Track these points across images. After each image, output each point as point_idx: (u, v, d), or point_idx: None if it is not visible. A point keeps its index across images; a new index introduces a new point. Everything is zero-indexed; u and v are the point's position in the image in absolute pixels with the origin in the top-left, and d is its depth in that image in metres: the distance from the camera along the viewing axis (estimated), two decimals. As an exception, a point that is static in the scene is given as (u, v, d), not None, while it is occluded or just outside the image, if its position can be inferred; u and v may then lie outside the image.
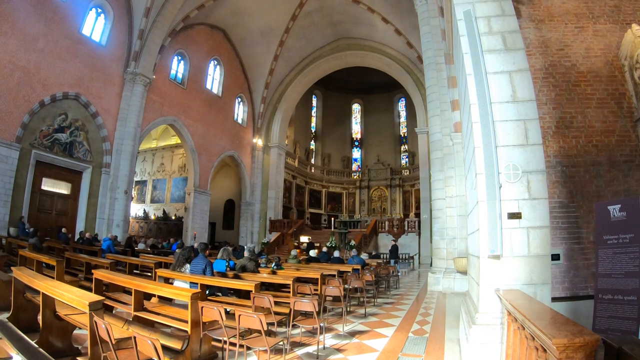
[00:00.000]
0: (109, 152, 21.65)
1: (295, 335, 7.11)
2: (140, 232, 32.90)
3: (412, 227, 28.84)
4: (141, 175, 35.87)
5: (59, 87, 18.88)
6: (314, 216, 41.71)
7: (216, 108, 30.09)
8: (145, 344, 3.56)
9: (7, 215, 16.79)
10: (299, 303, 6.48)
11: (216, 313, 5.30)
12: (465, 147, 7.50)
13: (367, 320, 8.89)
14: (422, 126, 28.74)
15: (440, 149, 14.65)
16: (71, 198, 20.84)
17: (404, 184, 40.93)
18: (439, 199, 14.62)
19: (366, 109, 47.62)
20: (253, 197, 33.70)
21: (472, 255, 6.21)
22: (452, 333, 7.19)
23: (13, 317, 6.42)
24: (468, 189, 6.75)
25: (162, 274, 8.22)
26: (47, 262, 8.98)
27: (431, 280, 14.32)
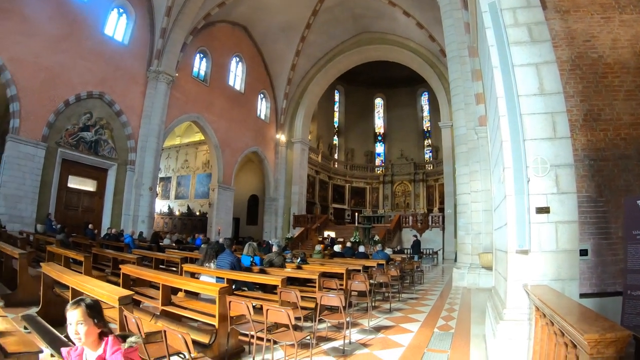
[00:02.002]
0: (134, 149, 21.98)
1: (321, 329, 7.13)
2: (165, 227, 33.30)
3: (436, 222, 28.65)
4: (165, 171, 36.26)
5: (84, 87, 19.26)
6: (338, 211, 41.76)
7: (239, 104, 30.25)
8: (175, 337, 3.61)
9: (34, 213, 17.24)
10: (326, 297, 6.48)
11: (244, 307, 5.34)
12: (491, 140, 7.41)
13: (392, 316, 8.88)
14: (446, 120, 28.51)
15: (465, 143, 14.47)
16: (97, 195, 21.24)
17: (427, 178, 40.68)
18: (464, 194, 14.48)
19: (389, 104, 47.36)
20: (277, 192, 33.83)
21: (499, 250, 6.14)
22: (478, 329, 7.12)
23: (42, 312, 6.54)
24: (495, 183, 6.67)
25: (189, 269, 8.30)
26: (75, 258, 9.14)
27: (456, 275, 14.22)
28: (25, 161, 16.88)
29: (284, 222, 33.54)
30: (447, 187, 27.77)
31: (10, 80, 16.41)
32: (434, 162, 41.07)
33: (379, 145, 47.49)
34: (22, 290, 8.02)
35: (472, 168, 13.91)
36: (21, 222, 16.73)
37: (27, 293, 7.98)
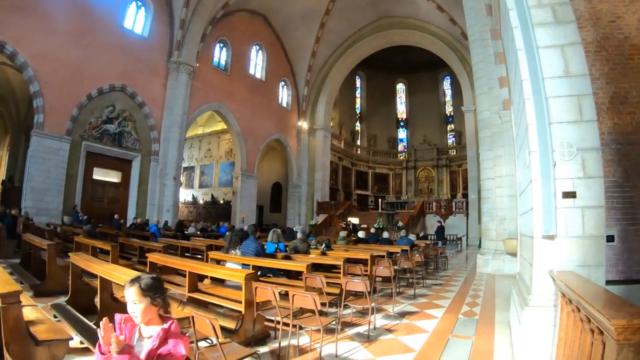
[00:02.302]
0: (157, 140, 22.27)
1: (346, 315, 7.17)
2: (190, 216, 33.75)
3: (459, 207, 28.42)
4: (189, 161, 36.68)
5: (105, 80, 19.60)
6: (361, 197, 41.72)
7: (260, 93, 30.27)
8: (203, 323, 3.67)
9: (60, 205, 17.71)
10: (351, 283, 6.51)
11: (270, 293, 5.38)
12: (516, 124, 7.27)
13: (417, 301, 8.88)
14: (469, 105, 28.10)
15: (488, 127, 14.27)
16: (122, 186, 21.69)
17: (451, 164, 40.31)
18: (488, 179, 14.32)
19: (411, 89, 46.86)
20: (300, 179, 33.91)
21: (524, 235, 6.07)
22: (502, 316, 7.09)
23: (71, 300, 6.68)
24: (520, 167, 6.56)
25: (214, 256, 8.40)
26: (102, 247, 9.30)
27: (480, 261, 14.13)
28: (51, 155, 17.29)
29: (307, 209, 33.65)
30: (471, 172, 27.54)
31: (33, 77, 16.80)
32: (457, 147, 40.61)
33: (402, 130, 47.15)
34: (50, 280, 8.20)
35: (497, 153, 13.72)
36: (48, 214, 17.17)
37: (56, 283, 8.18)
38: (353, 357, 5.19)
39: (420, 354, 5.30)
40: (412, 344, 5.70)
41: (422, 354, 5.28)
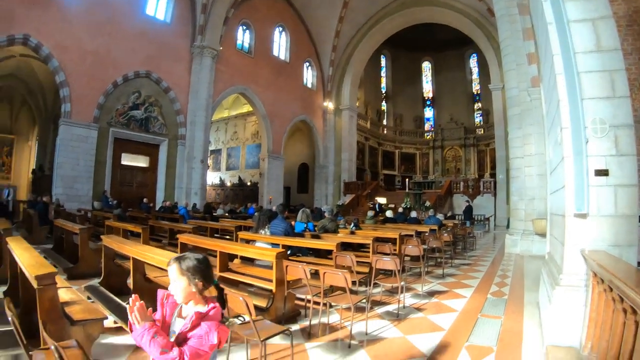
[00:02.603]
0: (183, 124, 22.57)
1: (375, 294, 7.22)
2: (217, 199, 34.15)
3: (487, 187, 28.05)
4: (215, 144, 36.98)
5: (130, 67, 19.92)
6: (388, 177, 41.63)
7: (285, 74, 30.21)
8: (237, 300, 3.75)
9: (90, 191, 18.26)
10: (381, 261, 6.54)
11: (300, 271, 5.44)
12: (547, 101, 7.14)
13: (445, 281, 8.91)
14: (496, 82, 27.59)
15: (517, 105, 13.97)
16: (150, 170, 22.18)
17: (478, 143, 39.78)
18: (517, 158, 14.06)
19: (437, 67, 46.16)
20: (326, 160, 33.90)
21: (555, 214, 5.99)
22: (531, 296, 7.04)
23: (104, 282, 6.86)
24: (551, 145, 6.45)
25: (244, 236, 8.51)
26: (133, 230, 9.52)
27: (508, 242, 13.99)
28: (79, 143, 17.82)
29: (334, 189, 33.66)
30: (499, 151, 27.11)
31: (58, 67, 17.24)
32: (484, 126, 39.91)
33: (428, 110, 46.63)
34: (83, 263, 8.44)
35: (526, 131, 13.45)
36: (78, 200, 17.69)
37: (88, 266, 8.43)
38: (383, 335, 5.25)
39: (449, 332, 5.34)
40: (441, 323, 5.73)
41: (451, 333, 5.31)
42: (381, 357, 4.49)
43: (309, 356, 4.51)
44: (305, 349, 4.71)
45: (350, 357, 4.48)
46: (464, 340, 4.98)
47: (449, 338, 5.10)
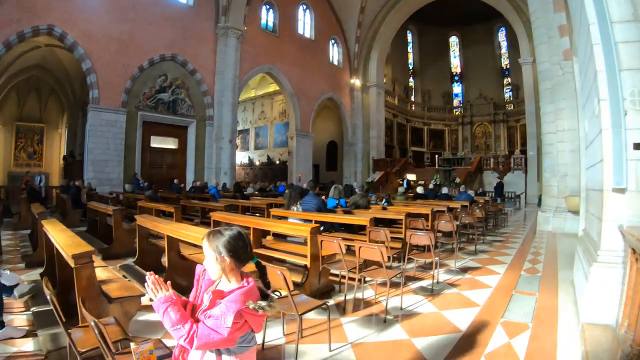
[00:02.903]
0: (211, 105, 22.74)
1: (408, 269, 7.25)
2: (246, 178, 34.45)
3: (518, 164, 27.56)
4: (243, 124, 37.13)
5: (155, 51, 20.11)
6: (417, 154, 41.29)
7: (311, 52, 30.02)
8: (274, 275, 3.80)
9: (121, 174, 18.69)
10: (415, 236, 6.55)
11: (336, 246, 5.49)
12: (582, 73, 6.94)
13: (478, 257, 8.90)
14: (526, 56, 26.88)
15: (549, 78, 13.60)
16: (179, 152, 22.52)
17: (508, 119, 39.02)
18: (549, 133, 13.75)
19: (464, 42, 45.21)
20: (355, 137, 33.73)
21: (591, 190, 5.89)
22: (565, 274, 6.96)
23: (139, 261, 7.05)
24: (587, 118, 6.28)
25: (276, 213, 8.60)
26: (165, 210, 9.72)
27: (540, 219, 13.79)
28: (108, 127, 18.22)
29: (363, 166, 33.58)
30: (530, 127, 26.67)
31: (84, 55, 17.53)
32: (514, 102, 39.13)
33: (456, 85, 45.85)
34: (117, 244, 8.67)
35: (558, 106, 13.12)
36: (110, 184, 18.15)
37: (122, 246, 8.66)
38: (418, 310, 5.29)
39: (484, 308, 5.34)
40: (476, 299, 5.75)
41: (486, 309, 5.32)
42: (416, 332, 4.53)
43: (344, 331, 4.57)
44: (341, 324, 4.77)
45: (386, 332, 4.53)
46: (499, 317, 4.97)
47: (484, 314, 5.11)
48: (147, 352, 2.36)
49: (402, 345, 4.15)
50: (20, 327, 4.46)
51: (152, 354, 2.38)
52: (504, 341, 4.22)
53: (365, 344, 4.20)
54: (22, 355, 3.89)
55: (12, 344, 4.09)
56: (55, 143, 29.67)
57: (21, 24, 15.75)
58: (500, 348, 4.05)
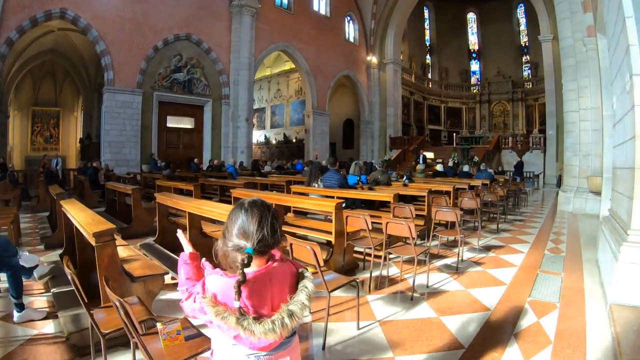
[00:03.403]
0: (227, 84, 22.68)
1: (432, 247, 7.20)
2: (263, 157, 34.50)
3: (536, 143, 27.18)
4: (259, 103, 37.05)
5: (169, 31, 20.06)
6: (434, 132, 40.99)
7: (326, 29, 29.68)
8: (302, 251, 3.78)
9: (138, 155, 18.88)
10: (441, 212, 6.50)
11: (361, 222, 5.44)
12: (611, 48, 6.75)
13: (500, 236, 8.87)
14: (546, 33, 26.22)
15: (572, 55, 13.29)
16: (195, 131, 22.65)
17: (526, 97, 38.50)
18: (571, 111, 13.51)
19: (482, 19, 44.23)
20: (372, 115, 33.51)
21: (620, 168, 5.77)
22: (589, 254, 6.94)
23: (159, 240, 7.03)
24: (616, 94, 6.14)
25: (297, 190, 8.58)
26: (183, 188, 9.73)
27: (561, 199, 13.65)
28: (124, 109, 18.35)
29: (380, 144, 33.47)
30: (549, 106, 26.22)
31: (98, 37, 17.59)
32: (533, 80, 38.44)
33: (474, 63, 45.04)
34: (137, 223, 8.73)
35: (581, 83, 12.87)
36: (127, 165, 18.34)
37: (142, 225, 8.71)
38: (444, 288, 5.27)
39: (510, 287, 5.31)
40: (502, 277, 5.72)
41: (512, 287, 5.29)
42: (444, 309, 4.51)
43: (371, 308, 4.56)
44: (368, 301, 4.75)
45: (414, 310, 4.51)
46: (525, 295, 4.94)
47: (510, 293, 5.08)
48: (174, 333, 2.36)
49: (431, 324, 4.13)
50: (41, 309, 4.43)
51: (179, 334, 2.38)
52: (533, 320, 4.19)
53: (394, 322, 4.19)
54: (43, 338, 3.86)
55: (32, 326, 4.07)
56: (72, 126, 30.07)
57: (33, 8, 15.80)
58: (529, 327, 4.02)
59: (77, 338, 3.64)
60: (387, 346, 3.63)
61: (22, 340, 3.76)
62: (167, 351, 2.31)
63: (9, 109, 25.09)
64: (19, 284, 4.23)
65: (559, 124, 22.83)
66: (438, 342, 3.70)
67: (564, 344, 3.62)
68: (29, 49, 23.28)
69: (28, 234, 9.07)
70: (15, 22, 15.43)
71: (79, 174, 16.65)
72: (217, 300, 1.54)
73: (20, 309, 4.16)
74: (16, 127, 27.41)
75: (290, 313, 1.51)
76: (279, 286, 1.64)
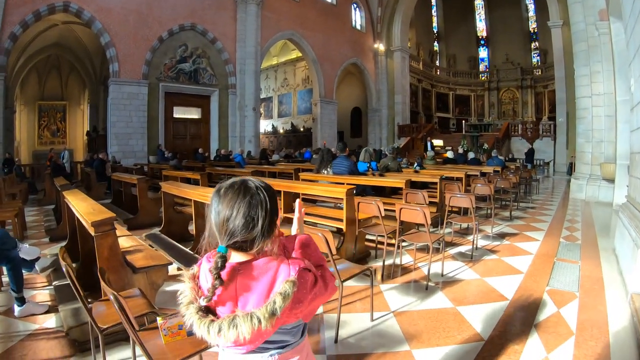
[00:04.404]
0: (233, 73, 22.58)
1: (446, 235, 7.02)
2: (271, 146, 34.44)
3: (546, 131, 26.84)
4: (266, 92, 36.90)
5: (174, 21, 19.96)
6: (442, 120, 40.62)
7: (332, 17, 29.38)
8: (315, 237, 3.60)
9: (145, 146, 18.88)
10: (455, 198, 6.34)
11: (374, 208, 5.27)
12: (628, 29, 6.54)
13: (514, 223, 8.73)
14: (555, 19, 25.65)
15: (584, 40, 13.01)
16: (202, 121, 22.63)
17: (535, 84, 38.00)
18: (584, 97, 13.25)
19: (490, 4, 43.45)
20: (379, 103, 33.30)
21: (638, 153, 5.59)
22: (604, 242, 6.79)
23: (165, 230, 6.91)
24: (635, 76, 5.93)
25: (306, 177, 8.44)
26: (190, 177, 9.62)
27: (574, 187, 13.48)
28: (130, 100, 18.33)
29: (388, 132, 33.28)
30: (559, 93, 25.75)
31: (102, 29, 17.56)
32: (542, 67, 37.91)
33: (482, 49, 44.44)
34: (143, 213, 8.62)
35: (594, 68, 12.61)
36: (134, 156, 18.35)
37: (148, 215, 8.60)
38: (459, 277, 5.12)
39: (528, 276, 5.15)
40: (518, 265, 5.57)
41: (530, 276, 5.13)
42: (461, 299, 4.36)
43: (385, 298, 4.42)
44: (381, 291, 4.62)
45: (429, 300, 4.36)
46: (544, 285, 4.78)
47: (528, 282, 4.92)
48: (175, 328, 2.21)
49: (447, 314, 3.98)
50: (42, 303, 4.35)
51: (181, 329, 2.22)
52: (553, 311, 4.03)
53: (409, 312, 4.04)
54: (44, 333, 3.76)
55: (33, 320, 3.99)
56: (78, 119, 30.04)
57: (36, 2, 15.78)
58: (550, 318, 3.86)
59: (77, 333, 3.51)
60: (402, 338, 3.48)
61: (22, 336, 3.67)
62: (169, 347, 2.16)
63: (15, 104, 25.13)
64: (19, 278, 4.13)
65: (569, 111, 22.58)
66: (456, 333, 3.55)
67: (586, 335, 3.48)
68: (33, 44, 23.20)
69: (34, 227, 9.02)
70: (19, 17, 15.39)
71: (85, 166, 16.69)
72: (196, 279, 1.43)
73: (21, 303, 4.08)
74: (23, 121, 27.39)
75: (233, 324, 1.24)
76: (255, 288, 1.34)
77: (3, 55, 15.22)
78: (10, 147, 19.86)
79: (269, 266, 1.36)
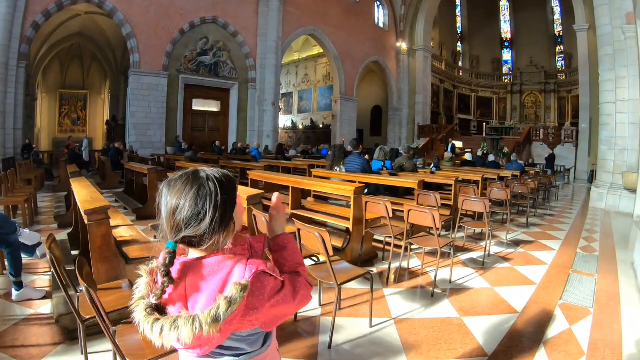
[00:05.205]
0: (253, 67, 22.56)
1: (458, 239, 6.87)
2: (289, 141, 34.47)
3: (569, 136, 26.31)
4: (286, 87, 36.95)
5: (196, 14, 19.97)
6: (463, 122, 40.12)
7: (355, 14, 29.10)
8: (311, 237, 3.48)
9: (163, 137, 18.98)
10: (468, 202, 6.17)
11: (382, 209, 5.13)
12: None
13: (530, 231, 8.51)
14: (581, 23, 25.04)
15: (610, 44, 12.65)
16: (221, 114, 22.67)
17: (559, 89, 37.39)
18: (608, 103, 12.90)
19: (515, 6, 42.72)
20: (400, 102, 32.99)
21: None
22: (623, 255, 6.57)
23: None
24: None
25: (318, 174, 8.32)
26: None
27: (594, 195, 13.15)
28: (149, 91, 18.42)
29: (408, 132, 32.98)
30: (583, 98, 25.29)
31: (124, 20, 17.67)
32: (567, 72, 37.24)
33: (506, 52, 43.79)
34: (152, 203, 8.48)
35: (619, 73, 12.29)
36: (152, 147, 18.46)
37: (157, 206, 8.52)
38: (468, 285, 4.96)
39: (540, 287, 4.96)
40: (531, 276, 5.37)
41: (542, 288, 4.94)
42: (468, 309, 4.19)
43: (387, 304, 4.27)
44: (384, 295, 4.48)
45: (433, 308, 4.21)
46: (557, 298, 4.59)
47: (540, 294, 4.72)
48: None
49: (451, 325, 3.82)
50: (40, 288, 4.36)
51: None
52: (564, 327, 3.84)
53: (410, 320, 3.89)
54: (37, 318, 3.77)
55: (29, 305, 4.01)
56: (99, 109, 30.47)
57: (59, -8, 15.90)
58: (560, 335, 3.67)
59: (67, 321, 3.48)
60: (400, 348, 3.33)
61: (16, 320, 3.69)
62: (146, 343, 2.02)
63: (37, 91, 25.53)
64: (17, 262, 4.16)
65: (592, 118, 22.21)
66: (458, 346, 3.39)
67: (597, 356, 3.27)
68: (56, 33, 23.47)
69: (45, 212, 9.15)
70: (41, 6, 15.53)
71: (102, 154, 16.82)
72: (154, 274, 1.29)
73: (19, 288, 4.11)
74: (44, 109, 27.75)
75: (175, 325, 1.13)
76: (205, 288, 1.23)
77: (25, 44, 15.33)
78: (30, 133, 20.10)
79: (223, 265, 1.24)
